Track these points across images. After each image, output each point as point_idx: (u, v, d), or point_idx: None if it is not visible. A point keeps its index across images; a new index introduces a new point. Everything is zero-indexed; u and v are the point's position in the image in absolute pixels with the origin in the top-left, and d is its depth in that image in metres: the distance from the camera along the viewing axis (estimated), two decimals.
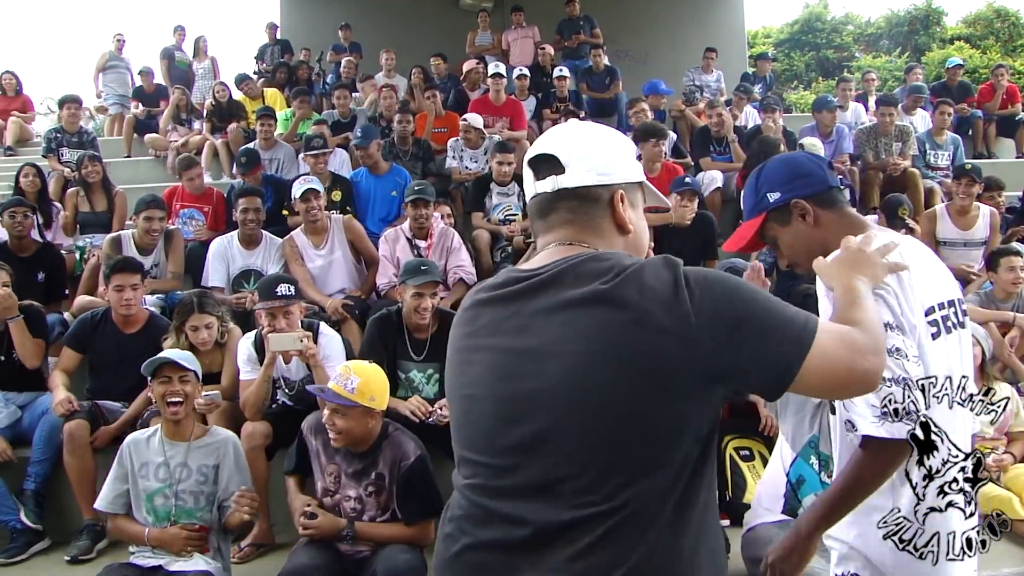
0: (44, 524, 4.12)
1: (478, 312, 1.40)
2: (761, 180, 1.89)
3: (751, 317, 1.21)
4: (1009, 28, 26.64)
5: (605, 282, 1.23)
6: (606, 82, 10.02)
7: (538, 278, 1.32)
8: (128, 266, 4.60)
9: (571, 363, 1.22)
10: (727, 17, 13.23)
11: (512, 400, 1.28)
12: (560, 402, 1.23)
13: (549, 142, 1.44)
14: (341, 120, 8.65)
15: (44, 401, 4.40)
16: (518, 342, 1.29)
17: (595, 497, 1.20)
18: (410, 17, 12.19)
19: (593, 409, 1.21)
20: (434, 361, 4.32)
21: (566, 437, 1.22)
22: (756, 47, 21.87)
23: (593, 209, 1.39)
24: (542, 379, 1.24)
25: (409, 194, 5.53)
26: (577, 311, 1.24)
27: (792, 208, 1.82)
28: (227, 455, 3.40)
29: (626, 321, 1.20)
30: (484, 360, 1.35)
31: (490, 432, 1.31)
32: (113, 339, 4.54)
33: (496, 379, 1.32)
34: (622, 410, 1.20)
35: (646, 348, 1.19)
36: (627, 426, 1.21)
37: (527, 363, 1.27)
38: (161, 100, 10.26)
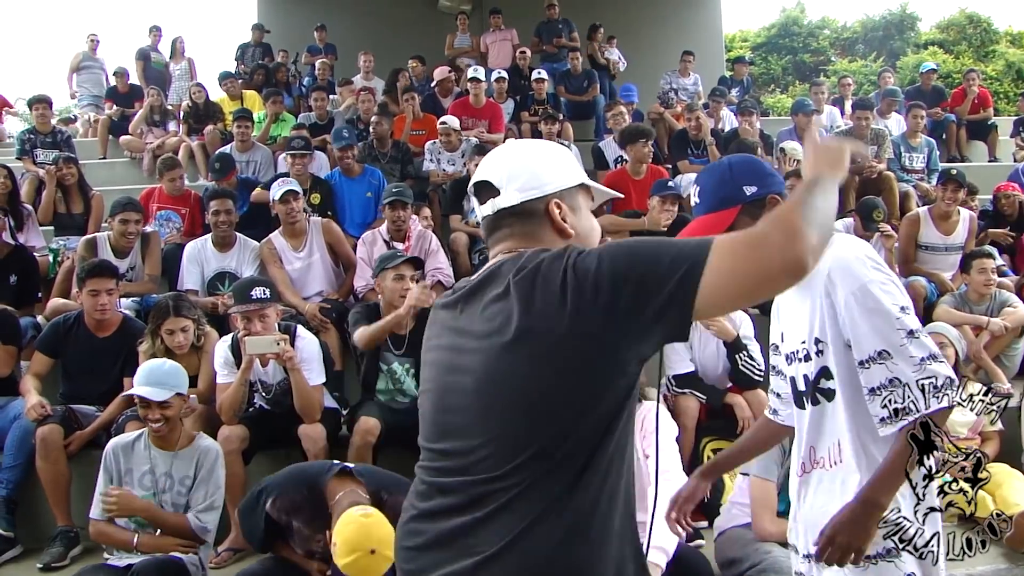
0: (16, 531, 4.06)
1: (435, 316, 1.57)
2: (734, 173, 1.88)
3: (632, 272, 1.28)
4: (981, 34, 27.00)
5: (514, 276, 1.36)
6: (584, 85, 10.05)
7: (475, 281, 1.47)
8: (103, 270, 4.54)
9: (484, 354, 1.37)
10: (705, 21, 13.29)
11: (445, 391, 1.45)
12: (472, 389, 1.38)
13: (485, 169, 1.55)
14: (318, 122, 8.61)
15: (16, 406, 4.33)
16: (455, 340, 1.46)
17: (495, 474, 1.33)
18: (388, 19, 12.15)
19: (495, 393, 1.35)
20: (411, 356, 4.37)
21: (476, 420, 1.37)
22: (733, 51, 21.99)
23: (531, 222, 1.49)
24: (464, 371, 1.40)
25: (387, 196, 5.52)
26: (493, 306, 1.37)
27: (768, 203, 1.82)
28: (203, 465, 3.37)
29: (522, 308, 1.32)
30: (434, 360, 1.52)
31: (431, 421, 1.48)
32: (86, 343, 4.48)
33: (439, 374, 1.48)
34: (519, 392, 1.32)
35: (539, 331, 1.30)
36: (523, 407, 1.32)
37: (458, 358, 1.43)
38: (135, 101, 10.16)
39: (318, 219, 5.75)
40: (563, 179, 1.51)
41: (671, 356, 4.46)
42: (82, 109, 11.22)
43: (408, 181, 6.88)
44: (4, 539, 4.00)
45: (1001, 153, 9.83)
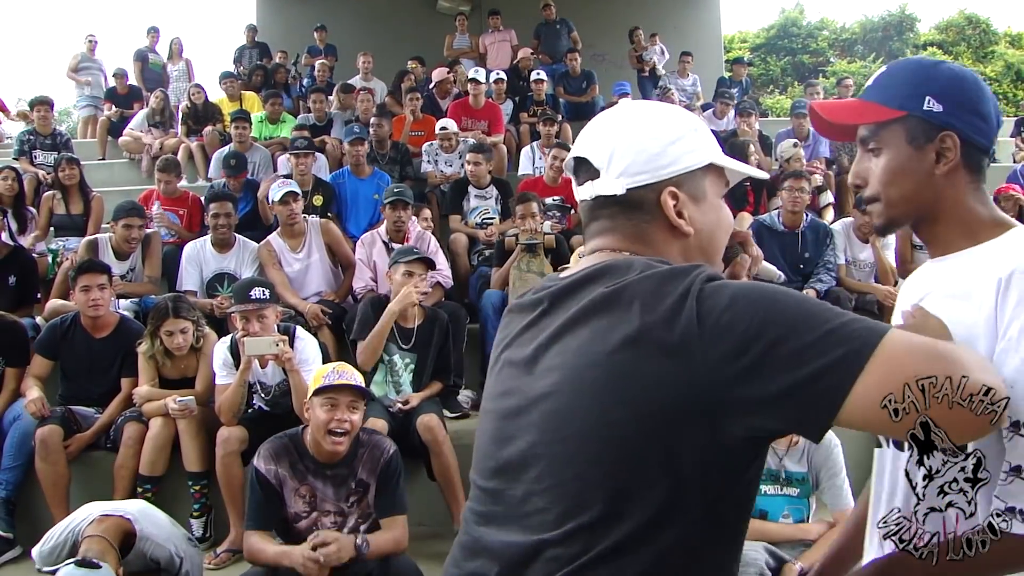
0: (15, 532, 4.07)
1: (509, 319, 1.27)
2: (932, 77, 1.31)
3: (770, 329, 0.97)
4: (980, 35, 27.02)
5: (615, 288, 1.07)
6: (583, 86, 10.06)
7: (565, 283, 1.17)
8: (93, 267, 4.56)
9: (557, 379, 1.08)
10: (704, 22, 13.31)
11: (505, 416, 1.16)
12: (539, 421, 1.09)
13: (584, 140, 1.25)
14: (317, 124, 8.61)
15: (16, 408, 4.33)
16: (525, 353, 1.16)
17: (555, 534, 1.04)
18: (387, 20, 12.16)
19: (567, 433, 1.06)
20: (415, 352, 4.44)
21: (540, 462, 1.08)
22: (732, 52, 22.00)
23: (637, 215, 1.19)
24: (531, 396, 1.12)
25: (387, 196, 5.52)
26: (578, 322, 1.09)
27: (939, 137, 1.29)
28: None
29: (617, 336, 1.03)
30: (498, 372, 1.23)
31: (484, 452, 1.19)
32: (84, 344, 4.49)
33: (499, 394, 1.20)
34: (594, 437, 1.04)
35: (632, 367, 1.02)
36: (598, 457, 1.04)
37: (525, 377, 1.14)
38: (135, 102, 10.16)
39: (316, 219, 5.74)
40: (685, 159, 1.19)
41: None
42: (80, 110, 11.23)
43: (407, 182, 6.88)
44: (3, 540, 4.02)
45: (1001, 154, 9.82)
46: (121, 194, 7.05)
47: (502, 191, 6.65)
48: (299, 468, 3.13)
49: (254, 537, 3.10)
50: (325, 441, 3.03)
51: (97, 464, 4.25)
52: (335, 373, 3.10)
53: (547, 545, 1.04)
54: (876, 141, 1.34)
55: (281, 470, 3.12)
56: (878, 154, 1.34)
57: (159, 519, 3.27)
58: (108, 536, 3.00)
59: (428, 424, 4.08)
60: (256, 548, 3.07)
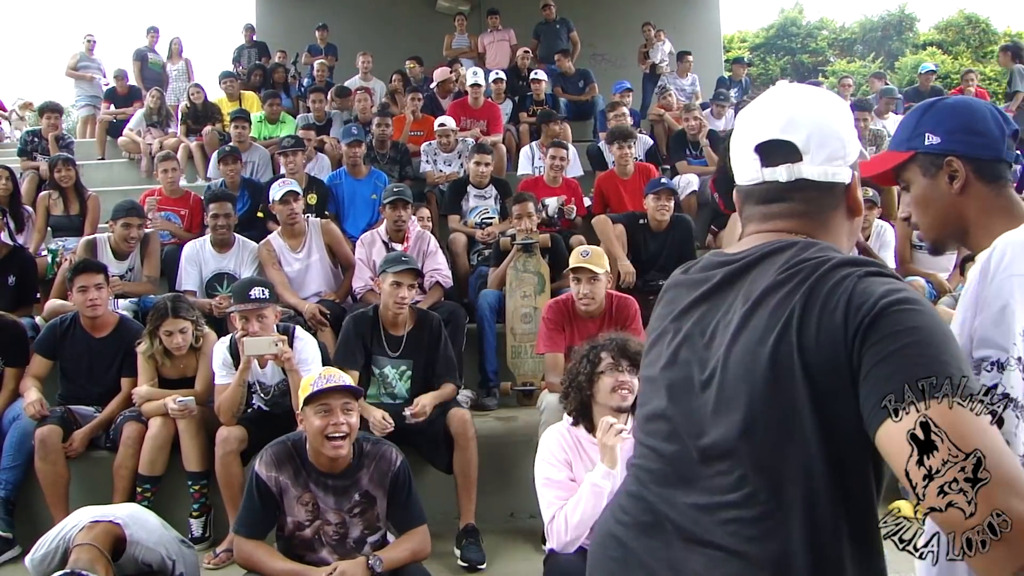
0: (14, 532, 4.07)
1: (676, 293, 1.39)
2: (927, 116, 1.53)
3: (908, 339, 1.08)
4: (979, 35, 27.06)
5: (796, 276, 1.18)
6: (580, 85, 10.05)
7: (734, 266, 1.28)
8: (90, 267, 4.56)
9: (739, 353, 1.20)
10: (703, 22, 13.30)
11: (684, 388, 1.28)
12: (736, 404, 1.20)
13: (777, 121, 1.30)
14: (316, 123, 8.61)
15: (15, 407, 4.34)
16: (702, 327, 1.28)
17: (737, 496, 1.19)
18: (386, 20, 12.16)
19: (767, 419, 1.17)
20: (408, 358, 4.35)
21: (746, 442, 1.19)
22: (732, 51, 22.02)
23: (829, 198, 1.30)
24: (713, 369, 1.23)
25: (387, 196, 5.52)
26: (761, 302, 1.20)
27: (944, 163, 1.48)
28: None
29: (795, 319, 1.14)
30: (668, 342, 1.34)
31: (659, 413, 1.33)
32: (83, 344, 4.50)
33: (671, 363, 1.31)
34: (786, 420, 1.15)
35: (799, 350, 1.14)
36: (768, 423, 1.17)
37: (704, 352, 1.26)
38: (134, 102, 10.16)
39: (317, 220, 5.75)
40: (855, 146, 1.32)
41: None
42: (79, 110, 11.21)
43: (407, 182, 6.88)
44: (3, 540, 4.02)
45: None
46: (120, 194, 7.05)
47: (501, 191, 6.65)
48: (301, 476, 3.08)
49: (249, 545, 3.05)
50: (325, 448, 2.98)
51: (96, 464, 4.25)
52: (323, 379, 3.05)
53: (727, 507, 1.19)
54: (904, 180, 1.57)
55: (283, 477, 3.07)
56: (908, 190, 1.57)
57: (150, 523, 3.25)
58: (98, 543, 2.99)
59: (462, 417, 4.10)
60: (255, 558, 3.03)
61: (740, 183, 1.37)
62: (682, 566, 1.23)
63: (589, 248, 4.45)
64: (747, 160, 1.34)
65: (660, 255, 5.67)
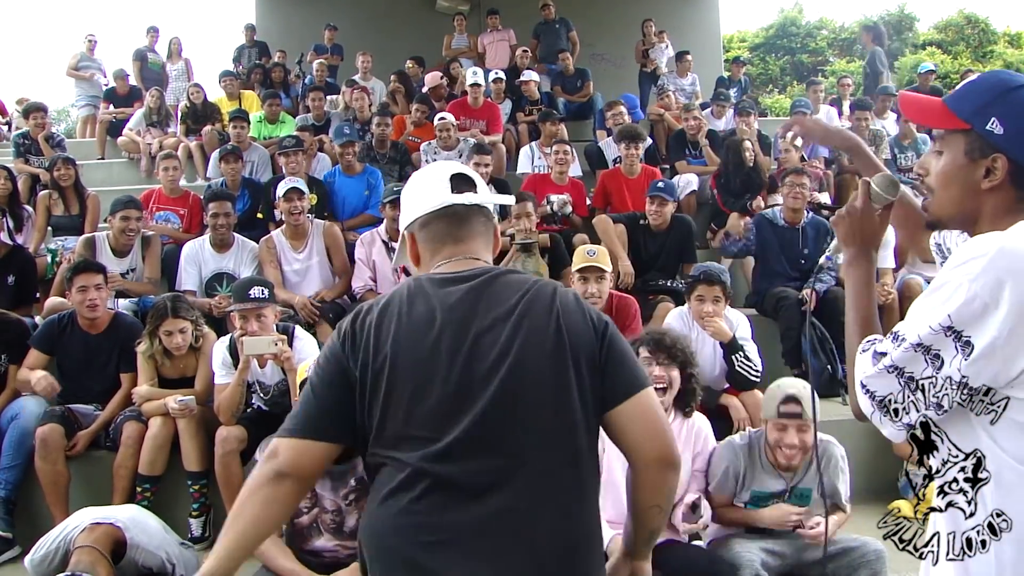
0: (14, 532, 4.08)
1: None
2: (1006, 99, 1.41)
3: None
4: (979, 34, 27.04)
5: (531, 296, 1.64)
6: (578, 84, 10.05)
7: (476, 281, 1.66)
8: (89, 266, 4.56)
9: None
10: (703, 21, 13.29)
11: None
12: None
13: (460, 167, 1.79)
14: (315, 124, 8.61)
15: (13, 407, 4.33)
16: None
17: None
18: (386, 20, 12.15)
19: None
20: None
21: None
22: (731, 51, 22.01)
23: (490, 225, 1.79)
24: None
25: (387, 195, 5.51)
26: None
27: (991, 156, 1.41)
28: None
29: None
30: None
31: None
32: (80, 341, 4.49)
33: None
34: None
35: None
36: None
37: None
38: (134, 102, 10.15)
39: (321, 222, 5.74)
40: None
41: None
42: (80, 109, 11.21)
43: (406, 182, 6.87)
44: (2, 540, 4.02)
45: None
46: (120, 194, 7.02)
47: (501, 191, 6.64)
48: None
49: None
50: None
51: (96, 464, 4.25)
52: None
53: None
54: (941, 143, 1.50)
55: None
56: (940, 155, 1.49)
57: (150, 526, 3.26)
58: (99, 546, 2.99)
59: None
60: (264, 548, 2.97)
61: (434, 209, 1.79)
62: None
63: (594, 247, 4.46)
64: (434, 187, 1.80)
65: (660, 255, 5.67)
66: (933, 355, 1.30)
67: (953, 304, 1.28)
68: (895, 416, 1.35)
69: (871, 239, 1.59)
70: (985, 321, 1.26)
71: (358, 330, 1.64)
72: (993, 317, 1.25)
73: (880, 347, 1.40)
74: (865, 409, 1.40)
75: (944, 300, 1.30)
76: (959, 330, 1.27)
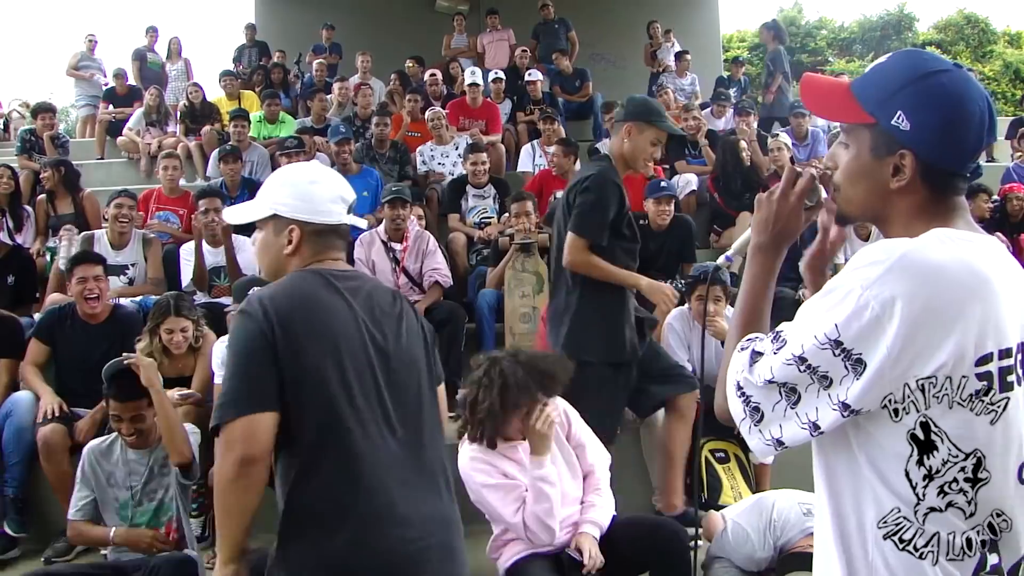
0: (27, 532, 4.10)
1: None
2: (914, 90, 1.28)
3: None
4: (979, 34, 27.06)
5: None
6: (577, 84, 10.06)
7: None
8: (88, 257, 4.55)
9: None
10: (702, 21, 13.29)
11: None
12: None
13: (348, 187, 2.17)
14: (313, 127, 8.59)
15: (7, 405, 4.30)
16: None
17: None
18: (385, 20, 12.15)
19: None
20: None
21: None
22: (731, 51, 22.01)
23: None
24: None
25: (386, 195, 5.52)
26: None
27: (896, 153, 1.29)
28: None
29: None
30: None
31: None
32: (81, 332, 4.45)
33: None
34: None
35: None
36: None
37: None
38: (134, 102, 10.15)
39: None
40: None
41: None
42: (79, 109, 11.20)
43: (406, 182, 6.88)
44: (10, 538, 4.03)
45: (999, 153, 9.82)
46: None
47: (500, 190, 6.65)
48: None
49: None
50: None
51: None
52: None
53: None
54: (848, 136, 1.37)
55: None
56: (847, 147, 1.37)
57: None
58: None
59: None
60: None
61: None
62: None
63: None
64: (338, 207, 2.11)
65: (660, 255, 5.67)
66: (821, 375, 1.20)
67: (841, 312, 1.18)
68: (764, 429, 1.28)
69: (789, 233, 1.44)
70: (875, 336, 1.16)
71: (281, 312, 1.84)
72: (884, 331, 1.16)
73: (759, 346, 1.31)
74: (735, 414, 1.32)
75: (832, 306, 1.20)
76: (848, 347, 1.18)
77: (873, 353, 1.16)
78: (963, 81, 1.28)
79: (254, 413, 1.76)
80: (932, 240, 1.23)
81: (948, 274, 1.18)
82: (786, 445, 1.27)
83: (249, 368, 1.80)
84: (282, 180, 2.09)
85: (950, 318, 1.16)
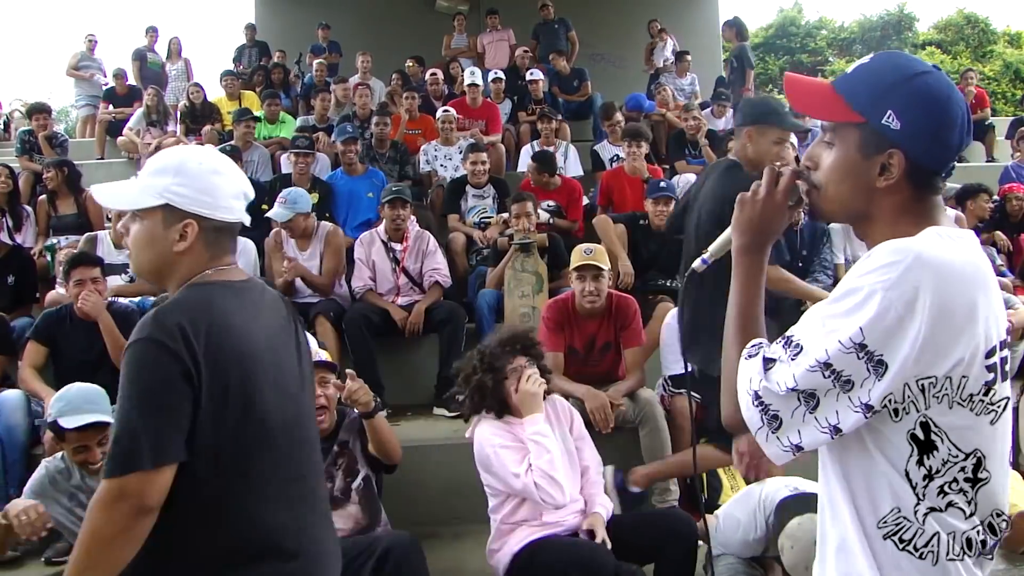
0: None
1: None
2: (904, 91, 1.29)
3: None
4: (979, 34, 27.05)
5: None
6: (575, 84, 10.06)
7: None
8: (86, 259, 4.56)
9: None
10: (702, 21, 13.28)
11: None
12: None
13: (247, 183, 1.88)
14: (317, 125, 8.60)
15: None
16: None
17: None
18: (386, 20, 12.15)
19: None
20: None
21: None
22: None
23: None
24: None
25: (386, 195, 5.52)
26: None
27: (887, 153, 1.30)
28: None
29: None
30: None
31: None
32: (79, 332, 4.45)
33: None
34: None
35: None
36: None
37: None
38: (134, 102, 10.16)
39: (328, 225, 5.72)
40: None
41: (667, 357, 4.46)
42: (79, 109, 11.20)
43: (406, 182, 6.88)
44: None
45: (999, 153, 9.83)
46: None
47: (500, 191, 6.65)
48: None
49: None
50: None
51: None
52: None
53: None
54: (832, 135, 1.37)
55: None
56: (831, 147, 1.37)
57: None
58: None
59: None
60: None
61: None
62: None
63: (592, 246, 4.45)
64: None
65: (660, 255, 5.66)
66: (844, 380, 1.20)
67: (865, 316, 1.18)
68: (783, 436, 1.27)
69: (773, 232, 1.44)
70: (898, 337, 1.17)
71: (201, 339, 1.59)
72: (907, 332, 1.16)
73: (769, 352, 1.30)
74: (751, 423, 1.30)
75: (853, 310, 1.19)
76: (871, 349, 1.18)
77: (896, 354, 1.17)
78: (946, 83, 1.31)
79: (166, 465, 1.53)
80: (935, 238, 1.24)
81: (959, 271, 1.21)
82: (804, 449, 1.27)
83: (162, 408, 1.55)
84: (177, 166, 1.74)
85: (965, 314, 1.19)
